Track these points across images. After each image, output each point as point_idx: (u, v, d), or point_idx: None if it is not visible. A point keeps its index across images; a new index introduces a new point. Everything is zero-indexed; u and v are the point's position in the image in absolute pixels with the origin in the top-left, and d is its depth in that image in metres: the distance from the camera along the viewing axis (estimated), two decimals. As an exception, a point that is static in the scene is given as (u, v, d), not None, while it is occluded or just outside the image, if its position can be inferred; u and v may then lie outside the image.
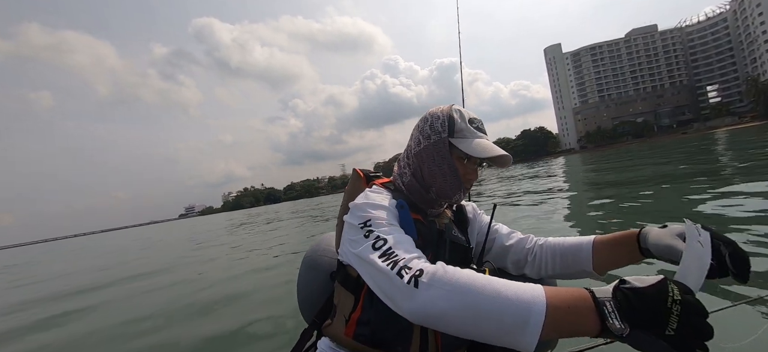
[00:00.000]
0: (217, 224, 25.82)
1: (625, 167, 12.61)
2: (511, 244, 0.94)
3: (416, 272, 0.60)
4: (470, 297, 0.55)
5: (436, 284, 0.57)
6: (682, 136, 64.21)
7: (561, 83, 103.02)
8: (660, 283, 0.50)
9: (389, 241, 0.68)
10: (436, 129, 0.85)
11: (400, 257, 0.64)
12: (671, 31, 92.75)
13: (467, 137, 0.83)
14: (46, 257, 18.88)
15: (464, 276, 0.58)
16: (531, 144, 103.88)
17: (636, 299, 0.50)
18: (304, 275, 1.07)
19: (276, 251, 6.54)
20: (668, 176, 8.11)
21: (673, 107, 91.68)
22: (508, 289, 0.55)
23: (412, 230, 0.77)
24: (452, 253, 0.84)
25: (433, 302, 0.57)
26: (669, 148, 21.92)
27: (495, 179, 18.78)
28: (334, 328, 0.83)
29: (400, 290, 0.60)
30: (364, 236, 0.71)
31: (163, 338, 2.82)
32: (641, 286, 0.51)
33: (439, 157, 0.84)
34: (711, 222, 3.44)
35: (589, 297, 0.52)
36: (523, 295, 0.53)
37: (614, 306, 0.50)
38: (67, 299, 5.05)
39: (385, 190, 0.86)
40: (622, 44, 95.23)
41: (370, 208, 0.76)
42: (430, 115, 0.88)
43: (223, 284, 4.39)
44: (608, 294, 0.52)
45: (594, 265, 0.83)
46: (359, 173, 0.95)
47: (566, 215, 5.42)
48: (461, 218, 0.96)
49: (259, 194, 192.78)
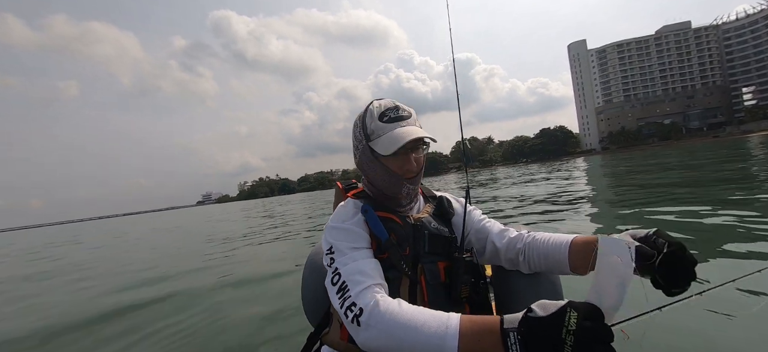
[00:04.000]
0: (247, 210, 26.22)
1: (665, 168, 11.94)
2: (504, 242, 0.95)
3: (358, 311, 0.68)
4: (396, 336, 0.63)
5: (372, 324, 0.66)
6: (714, 139, 61.08)
7: (584, 81, 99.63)
8: (558, 312, 0.51)
9: (343, 275, 0.74)
10: (358, 137, 0.88)
11: (348, 294, 0.71)
12: (706, 29, 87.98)
13: (380, 135, 0.83)
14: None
15: (396, 314, 0.65)
16: (550, 143, 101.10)
17: (535, 329, 0.52)
18: (307, 278, 1.08)
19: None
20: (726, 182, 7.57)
21: (703, 109, 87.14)
22: (426, 323, 0.61)
23: (381, 229, 0.82)
24: (432, 244, 0.86)
25: (371, 341, 0.66)
26: (702, 152, 20.76)
27: (510, 182, 18.26)
28: (331, 335, 0.87)
29: (349, 327, 0.70)
30: (328, 264, 0.79)
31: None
32: (542, 315, 0.53)
33: (370, 163, 0.87)
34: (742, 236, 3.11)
35: (498, 328, 0.56)
36: (438, 328, 0.60)
37: (516, 337, 0.53)
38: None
39: (354, 201, 0.89)
40: (651, 41, 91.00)
41: (333, 232, 0.82)
42: (353, 124, 0.90)
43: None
44: (515, 324, 0.54)
45: (570, 266, 0.84)
46: (339, 186, 0.99)
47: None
48: (442, 210, 0.97)
49: (273, 185, 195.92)
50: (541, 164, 39.64)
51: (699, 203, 4.97)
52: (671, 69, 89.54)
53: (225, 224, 13.68)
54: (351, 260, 0.76)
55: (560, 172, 17.66)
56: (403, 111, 0.86)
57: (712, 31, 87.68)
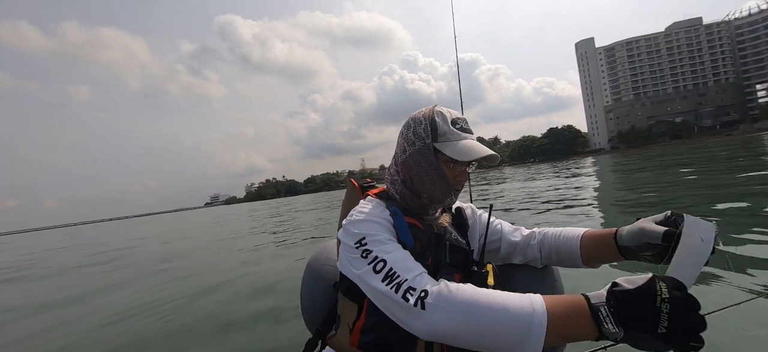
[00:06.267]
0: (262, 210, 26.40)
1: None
2: (517, 241, 0.95)
3: (421, 293, 0.61)
4: (476, 315, 0.57)
5: (441, 305, 0.60)
6: (727, 138, 59.64)
7: (592, 80, 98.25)
8: (648, 282, 0.52)
9: (388, 261, 0.68)
10: (420, 135, 0.82)
11: (402, 279, 0.65)
12: (718, 25, 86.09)
13: (451, 140, 0.80)
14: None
15: (468, 293, 0.60)
16: (557, 143, 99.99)
17: (626, 301, 0.52)
18: (307, 283, 1.05)
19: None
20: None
21: (716, 107, 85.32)
22: (510, 302, 0.57)
23: (409, 235, 0.77)
24: (452, 256, 0.83)
25: (440, 323, 0.59)
26: (716, 151, 20.24)
27: (519, 179, 18.02)
28: (338, 339, 0.82)
29: (408, 313, 0.62)
30: (361, 256, 0.71)
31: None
32: (630, 288, 0.53)
33: (425, 163, 0.82)
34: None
35: (585, 304, 0.55)
36: (525, 307, 0.56)
37: (608, 311, 0.53)
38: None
39: (377, 200, 0.85)
40: (661, 39, 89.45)
41: (362, 224, 0.75)
42: (412, 120, 0.85)
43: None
44: (602, 299, 0.55)
45: (583, 259, 0.84)
46: (354, 184, 0.95)
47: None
48: (460, 221, 0.95)
49: (280, 186, 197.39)
50: (551, 164, 39.12)
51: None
52: (682, 66, 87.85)
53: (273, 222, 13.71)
54: (394, 249, 0.71)
55: (570, 172, 17.36)
56: (470, 126, 0.85)
57: (723, 27, 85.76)
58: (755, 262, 2.44)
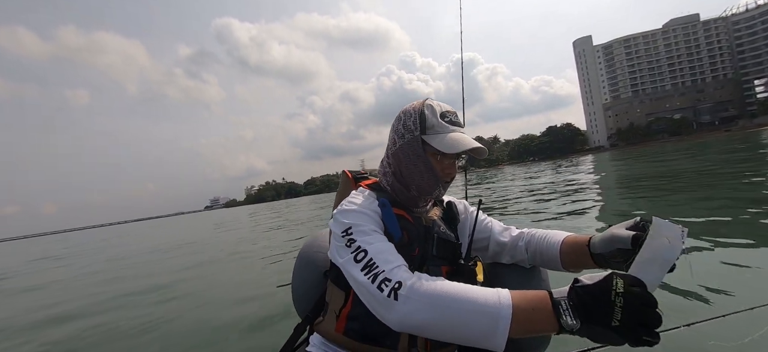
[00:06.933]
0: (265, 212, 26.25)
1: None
2: (505, 241, 0.96)
3: (395, 284, 0.64)
4: (445, 307, 0.61)
5: (413, 297, 0.62)
6: (726, 133, 59.78)
7: (591, 77, 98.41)
8: (606, 278, 0.56)
9: (369, 252, 0.70)
10: (409, 127, 0.85)
11: (380, 270, 0.67)
12: (715, 21, 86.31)
13: (439, 133, 0.82)
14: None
15: (439, 286, 0.63)
16: (557, 141, 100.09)
17: (584, 295, 0.56)
18: (299, 271, 1.08)
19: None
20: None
21: (714, 103, 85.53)
22: (479, 296, 0.61)
23: (396, 227, 0.80)
24: (440, 248, 0.85)
25: (411, 314, 0.62)
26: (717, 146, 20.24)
27: (520, 178, 18.03)
28: (325, 325, 0.85)
29: (381, 303, 0.65)
30: (346, 245, 0.74)
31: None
32: (588, 283, 0.57)
33: (414, 155, 0.84)
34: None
35: (548, 299, 0.59)
36: (492, 301, 0.60)
37: (568, 304, 0.57)
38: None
39: (369, 191, 0.87)
40: (659, 35, 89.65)
41: (350, 214, 0.78)
42: (403, 113, 0.87)
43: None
44: (564, 294, 0.59)
45: (563, 264, 0.86)
46: (348, 175, 0.98)
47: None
48: (451, 215, 0.96)
49: (280, 188, 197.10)
50: (551, 162, 39.06)
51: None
52: (680, 63, 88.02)
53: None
54: (377, 240, 0.74)
55: (568, 169, 17.36)
56: (459, 119, 0.87)
57: (721, 23, 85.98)
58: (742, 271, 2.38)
